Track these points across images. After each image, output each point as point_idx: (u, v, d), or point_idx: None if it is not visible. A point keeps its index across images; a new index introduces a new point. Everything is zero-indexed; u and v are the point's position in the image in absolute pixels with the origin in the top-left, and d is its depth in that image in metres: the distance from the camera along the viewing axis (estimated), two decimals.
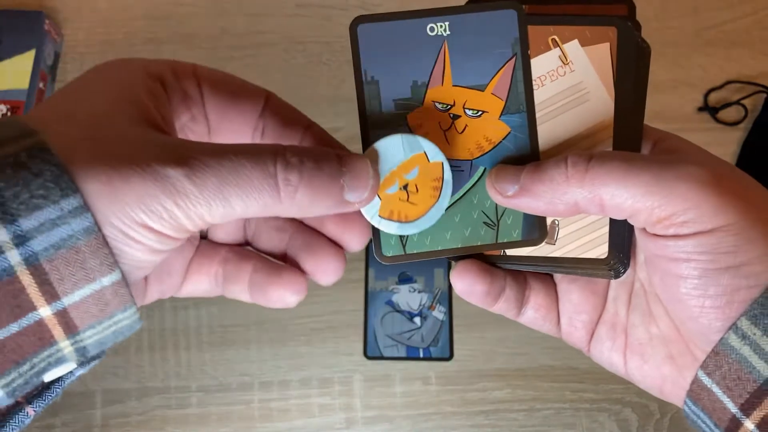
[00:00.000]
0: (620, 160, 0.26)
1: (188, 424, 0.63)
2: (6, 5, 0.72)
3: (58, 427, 0.63)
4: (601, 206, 0.27)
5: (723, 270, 0.25)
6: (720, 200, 0.25)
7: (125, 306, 0.24)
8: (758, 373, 0.25)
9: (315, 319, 0.66)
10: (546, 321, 0.33)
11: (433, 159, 0.29)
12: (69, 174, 0.22)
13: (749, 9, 0.75)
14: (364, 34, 0.29)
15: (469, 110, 0.30)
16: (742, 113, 0.71)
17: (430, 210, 0.29)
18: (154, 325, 0.65)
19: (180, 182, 0.23)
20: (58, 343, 0.23)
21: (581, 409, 0.64)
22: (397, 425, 0.64)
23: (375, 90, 0.30)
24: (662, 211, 0.26)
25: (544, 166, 0.28)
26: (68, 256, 0.22)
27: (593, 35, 0.29)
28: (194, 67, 0.29)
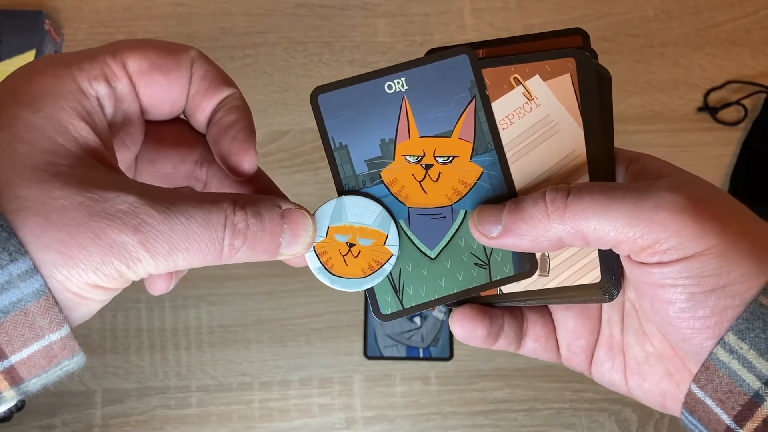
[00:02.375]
0: (598, 193, 0.27)
1: (188, 424, 0.63)
2: (6, 5, 0.72)
3: (58, 427, 0.63)
4: (584, 240, 0.27)
5: (709, 292, 0.26)
6: (698, 225, 0.26)
7: (72, 355, 0.24)
8: (748, 386, 0.25)
9: (315, 319, 0.66)
10: (546, 350, 0.33)
11: (388, 246, 0.30)
12: (17, 237, 0.21)
13: (749, 9, 0.75)
14: (325, 102, 0.30)
15: (439, 158, 0.30)
16: (741, 113, 0.71)
17: (351, 279, 0.30)
18: (154, 325, 0.65)
19: (134, 248, 0.23)
20: (2, 393, 0.23)
21: (581, 409, 0.64)
22: (397, 425, 0.64)
23: (345, 154, 0.30)
24: (644, 240, 0.26)
25: (524, 204, 0.28)
26: (17, 319, 0.22)
27: (553, 68, 0.30)
28: (123, 63, 0.27)
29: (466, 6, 0.75)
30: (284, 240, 0.27)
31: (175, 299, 0.66)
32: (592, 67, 0.30)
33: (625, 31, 0.74)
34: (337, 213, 0.30)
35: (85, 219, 0.23)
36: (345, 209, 0.30)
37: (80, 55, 0.27)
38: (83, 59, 0.26)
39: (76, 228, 0.22)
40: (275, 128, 0.71)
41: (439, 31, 0.74)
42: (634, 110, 0.71)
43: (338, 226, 0.30)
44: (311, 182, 0.68)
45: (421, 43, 0.74)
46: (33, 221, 0.22)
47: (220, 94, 0.30)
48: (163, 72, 0.28)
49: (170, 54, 0.29)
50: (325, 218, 0.30)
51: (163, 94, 0.29)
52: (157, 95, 0.28)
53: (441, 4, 0.75)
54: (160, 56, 0.28)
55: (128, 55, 0.27)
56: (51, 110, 0.24)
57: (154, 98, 0.28)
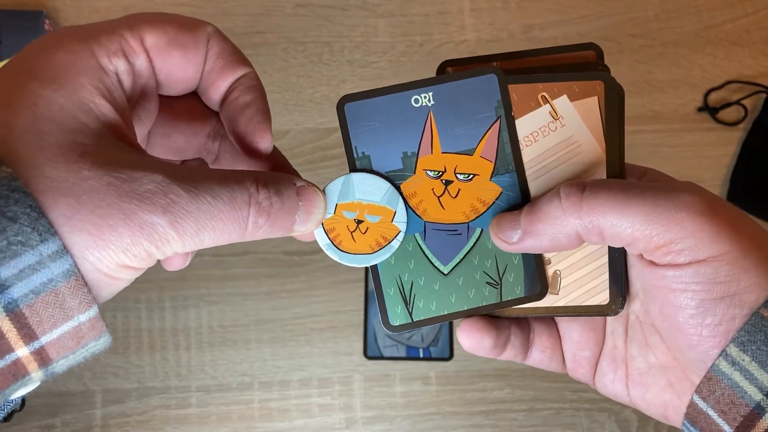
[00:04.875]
0: (617, 189, 0.27)
1: (188, 424, 0.63)
2: (6, 5, 0.72)
3: (58, 427, 0.63)
4: (600, 235, 0.27)
5: (719, 299, 0.26)
6: (715, 229, 0.26)
7: (100, 336, 0.24)
8: (750, 398, 0.26)
9: (315, 319, 0.66)
10: (552, 361, 0.33)
11: (396, 222, 0.31)
12: (47, 217, 0.21)
13: (749, 9, 0.75)
14: (351, 111, 0.30)
15: (460, 175, 0.31)
16: (741, 113, 0.71)
17: (359, 255, 0.31)
18: (154, 325, 0.65)
19: (163, 229, 0.23)
20: (31, 374, 0.23)
21: (581, 409, 0.64)
22: (397, 425, 0.64)
23: (367, 164, 0.31)
24: (661, 238, 0.26)
25: (539, 204, 0.28)
26: (47, 299, 0.22)
27: (581, 90, 0.30)
28: (141, 37, 0.27)
29: (466, 6, 0.75)
30: (299, 217, 0.27)
31: (175, 299, 0.66)
32: (616, 89, 0.30)
33: (625, 31, 0.74)
34: (345, 190, 0.30)
35: (114, 200, 0.23)
36: (353, 186, 0.30)
37: (97, 28, 0.26)
38: (101, 33, 0.26)
39: (107, 209, 0.22)
40: (275, 128, 0.71)
41: (439, 31, 0.74)
42: (634, 110, 0.71)
43: (346, 203, 0.30)
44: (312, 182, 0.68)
45: (421, 43, 0.74)
46: (63, 202, 0.22)
47: (235, 73, 0.30)
48: (181, 48, 0.28)
49: (188, 30, 0.28)
50: (333, 195, 0.30)
51: (179, 71, 0.28)
52: (173, 71, 0.28)
53: (441, 4, 0.75)
54: (177, 32, 0.28)
55: (146, 29, 0.27)
56: (72, 87, 0.24)
57: (171, 74, 0.28)
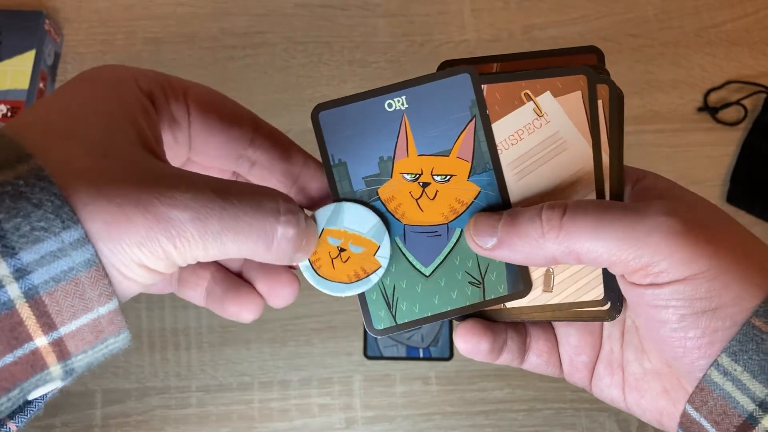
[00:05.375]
0: (592, 213, 0.27)
1: (188, 424, 0.63)
2: (6, 5, 0.72)
3: (58, 427, 0.63)
4: (577, 259, 0.27)
5: (700, 314, 0.26)
6: (691, 249, 0.26)
7: (119, 331, 0.24)
8: (742, 408, 0.25)
9: (315, 319, 0.66)
10: (549, 365, 0.33)
11: (378, 257, 0.30)
12: (70, 205, 0.21)
13: (749, 9, 0.75)
14: (325, 119, 0.30)
15: (437, 176, 0.30)
16: (741, 113, 0.71)
17: (335, 283, 0.31)
18: (154, 325, 0.65)
19: (183, 225, 0.23)
20: (49, 368, 0.23)
21: (581, 409, 0.64)
22: (397, 425, 0.64)
23: (344, 171, 0.31)
24: (636, 263, 0.26)
25: (520, 219, 0.28)
26: (68, 288, 0.22)
27: (564, 85, 0.30)
28: (186, 88, 0.29)
29: (466, 6, 0.75)
30: (302, 246, 0.28)
31: (175, 299, 0.66)
32: (615, 91, 0.30)
33: (625, 31, 0.74)
34: (334, 217, 0.30)
35: (134, 192, 0.22)
36: (342, 214, 0.30)
37: (149, 71, 0.28)
38: (153, 72, 0.28)
39: (125, 200, 0.22)
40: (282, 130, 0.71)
41: (439, 31, 0.74)
42: (634, 110, 0.71)
43: (333, 229, 0.30)
44: None
45: (421, 43, 0.74)
46: (84, 191, 0.22)
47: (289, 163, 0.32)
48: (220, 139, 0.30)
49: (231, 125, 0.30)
50: (322, 220, 0.30)
51: (211, 155, 0.31)
52: (205, 154, 0.31)
53: (441, 4, 0.75)
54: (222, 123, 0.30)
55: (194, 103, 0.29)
56: (113, 98, 0.25)
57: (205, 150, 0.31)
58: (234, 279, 0.31)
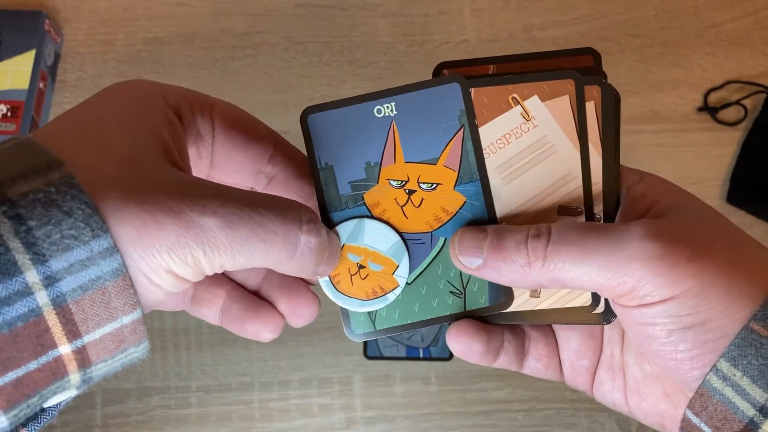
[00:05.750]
0: (575, 243, 0.27)
1: (188, 424, 0.63)
2: (6, 5, 0.72)
3: (58, 428, 0.63)
4: (563, 286, 0.28)
5: (688, 329, 0.26)
6: (673, 271, 0.26)
7: (140, 341, 0.24)
8: (743, 414, 0.25)
9: (315, 319, 0.66)
10: (548, 369, 0.33)
11: (396, 276, 0.31)
12: (100, 213, 0.21)
13: (749, 9, 0.75)
14: (314, 123, 0.30)
15: (423, 184, 0.30)
16: (741, 113, 0.71)
17: (353, 299, 0.31)
18: (154, 325, 0.65)
19: (213, 232, 0.23)
20: (69, 376, 0.23)
21: (581, 409, 0.64)
22: (397, 425, 0.64)
23: (330, 175, 0.31)
24: (620, 289, 0.26)
25: (505, 244, 0.28)
26: (94, 297, 0.22)
27: (552, 89, 0.30)
28: (211, 104, 0.29)
29: (466, 6, 0.75)
30: (325, 259, 0.28)
31: None
32: (611, 93, 0.30)
33: (625, 31, 0.74)
34: (355, 233, 0.30)
35: (165, 199, 0.23)
36: (364, 231, 0.30)
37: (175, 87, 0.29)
38: (180, 88, 0.28)
39: (155, 206, 0.22)
40: (275, 128, 0.71)
41: (439, 31, 0.74)
42: (634, 110, 0.71)
43: (354, 245, 0.31)
44: None
45: (421, 43, 0.74)
46: (113, 196, 0.22)
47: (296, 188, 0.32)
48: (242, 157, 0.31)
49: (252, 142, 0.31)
50: (343, 235, 0.30)
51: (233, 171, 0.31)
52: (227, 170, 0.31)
53: (441, 4, 0.75)
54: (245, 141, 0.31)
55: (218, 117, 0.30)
56: (140, 112, 0.26)
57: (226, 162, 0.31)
58: (252, 298, 0.31)
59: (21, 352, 0.21)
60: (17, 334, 0.21)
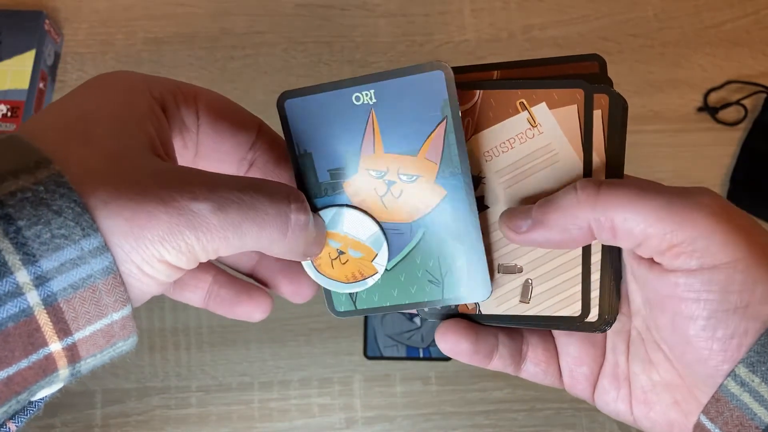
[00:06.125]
0: (633, 185, 0.26)
1: (188, 424, 0.63)
2: (6, 5, 0.72)
3: (58, 427, 0.63)
4: (612, 230, 0.27)
5: (732, 311, 0.25)
6: (729, 233, 0.25)
7: (129, 335, 0.24)
8: (760, 420, 0.25)
9: (315, 319, 0.66)
10: (547, 374, 0.33)
11: (375, 263, 0.31)
12: (90, 212, 0.21)
13: (749, 9, 0.75)
14: (292, 108, 0.30)
15: (403, 176, 0.30)
16: (741, 113, 0.71)
17: (334, 281, 0.31)
18: (154, 325, 0.65)
19: (205, 217, 0.23)
20: (59, 372, 0.23)
21: (581, 409, 0.64)
22: (397, 425, 0.64)
23: (309, 162, 0.30)
24: (674, 237, 0.25)
25: (554, 196, 0.28)
26: (85, 296, 0.22)
27: (561, 98, 0.30)
28: (195, 94, 0.29)
29: (466, 6, 0.75)
30: (313, 240, 0.29)
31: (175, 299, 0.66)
32: (619, 102, 0.29)
33: (625, 31, 0.74)
34: (335, 221, 0.30)
35: (154, 188, 0.23)
36: (343, 220, 0.30)
37: (159, 77, 0.28)
38: (163, 79, 0.28)
39: (145, 196, 0.22)
40: (274, 129, 0.71)
41: (439, 31, 0.74)
42: (634, 110, 0.71)
43: (334, 232, 0.30)
44: None
45: (421, 43, 0.74)
46: (102, 190, 0.22)
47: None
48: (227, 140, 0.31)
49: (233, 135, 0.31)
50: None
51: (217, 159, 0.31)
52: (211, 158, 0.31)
53: (441, 4, 0.75)
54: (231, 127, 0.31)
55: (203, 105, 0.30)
56: (125, 105, 0.26)
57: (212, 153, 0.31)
58: (241, 281, 0.32)
59: (12, 352, 0.21)
60: (8, 334, 0.21)
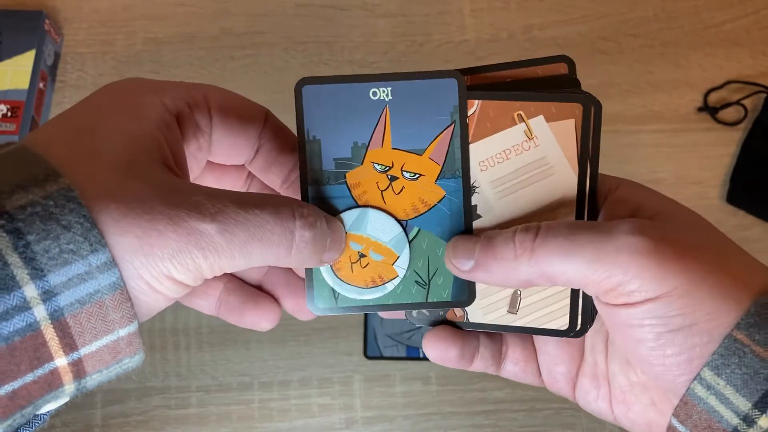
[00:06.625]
0: (563, 236, 0.27)
1: (188, 424, 0.63)
2: (6, 5, 0.72)
3: (58, 427, 0.63)
4: (551, 281, 0.27)
5: (676, 331, 0.26)
6: (660, 268, 0.26)
7: (135, 352, 0.24)
8: (726, 422, 0.25)
9: (315, 319, 0.66)
10: (527, 373, 0.33)
11: (396, 267, 0.31)
12: (98, 226, 0.22)
13: (749, 9, 0.75)
14: (308, 94, 0.31)
15: (406, 173, 0.31)
16: (741, 113, 0.71)
17: (352, 286, 0.31)
18: (154, 325, 0.65)
19: (212, 237, 0.23)
20: (64, 387, 0.23)
21: (581, 409, 0.64)
22: (397, 425, 0.64)
23: (317, 148, 0.31)
24: (607, 283, 0.26)
25: (495, 242, 0.28)
26: (92, 311, 0.22)
27: (559, 111, 0.30)
28: (206, 95, 0.30)
29: (466, 6, 0.75)
30: (329, 245, 0.29)
31: None
32: (596, 106, 0.30)
33: (625, 31, 0.74)
34: (358, 222, 0.31)
35: (163, 208, 0.23)
36: (367, 221, 0.31)
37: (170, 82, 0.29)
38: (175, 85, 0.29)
39: (155, 215, 0.23)
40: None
41: (439, 31, 0.74)
42: (634, 110, 0.71)
43: (356, 234, 0.31)
44: None
45: (421, 43, 0.74)
46: (113, 207, 0.22)
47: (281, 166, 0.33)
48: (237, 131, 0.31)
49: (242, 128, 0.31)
50: (346, 223, 0.31)
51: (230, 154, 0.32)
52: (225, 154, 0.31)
53: (441, 4, 0.75)
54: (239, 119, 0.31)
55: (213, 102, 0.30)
56: (137, 122, 0.26)
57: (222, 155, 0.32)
58: (250, 289, 0.32)
59: (18, 366, 0.21)
60: (14, 348, 0.21)
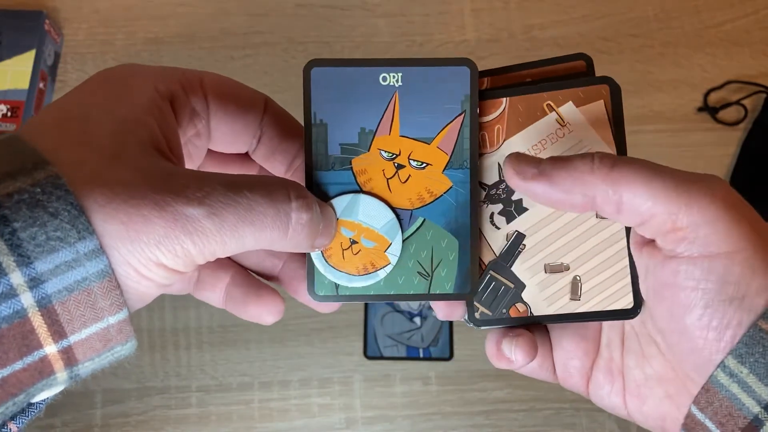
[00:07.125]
0: (647, 164, 0.27)
1: (188, 424, 0.63)
2: (6, 5, 0.72)
3: (58, 427, 0.63)
4: (618, 205, 0.27)
5: (728, 301, 0.26)
6: (732, 223, 0.25)
7: (126, 339, 0.24)
8: (748, 410, 0.25)
9: (315, 319, 0.66)
10: (543, 369, 0.33)
11: (388, 253, 0.30)
12: (86, 214, 0.21)
13: (749, 9, 0.75)
14: (317, 77, 0.30)
15: (413, 161, 0.30)
16: (741, 113, 0.71)
17: (343, 273, 0.30)
18: (154, 325, 0.65)
19: (200, 222, 0.23)
20: (56, 374, 0.23)
21: (581, 409, 0.64)
22: (397, 425, 0.64)
23: (323, 132, 0.30)
24: (678, 219, 0.26)
25: (570, 157, 0.27)
26: (80, 298, 0.22)
27: (586, 95, 0.30)
28: (201, 79, 0.29)
29: (466, 6, 0.75)
30: (320, 230, 0.28)
31: (175, 299, 0.66)
32: (620, 94, 0.30)
33: (625, 31, 0.74)
34: (350, 208, 0.30)
35: (149, 192, 0.23)
36: (358, 207, 0.30)
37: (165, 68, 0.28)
38: (170, 70, 0.28)
39: (140, 200, 0.22)
40: None
41: (439, 31, 0.74)
42: (634, 110, 0.71)
43: (347, 220, 0.30)
44: None
45: (421, 43, 0.74)
46: (98, 192, 0.22)
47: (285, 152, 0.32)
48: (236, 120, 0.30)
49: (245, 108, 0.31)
50: (337, 210, 0.30)
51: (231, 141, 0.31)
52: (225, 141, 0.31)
53: (441, 4, 0.75)
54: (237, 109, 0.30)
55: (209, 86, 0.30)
56: (127, 103, 0.25)
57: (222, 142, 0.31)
58: (255, 281, 0.32)
59: (6, 353, 0.21)
60: (2, 335, 0.21)
